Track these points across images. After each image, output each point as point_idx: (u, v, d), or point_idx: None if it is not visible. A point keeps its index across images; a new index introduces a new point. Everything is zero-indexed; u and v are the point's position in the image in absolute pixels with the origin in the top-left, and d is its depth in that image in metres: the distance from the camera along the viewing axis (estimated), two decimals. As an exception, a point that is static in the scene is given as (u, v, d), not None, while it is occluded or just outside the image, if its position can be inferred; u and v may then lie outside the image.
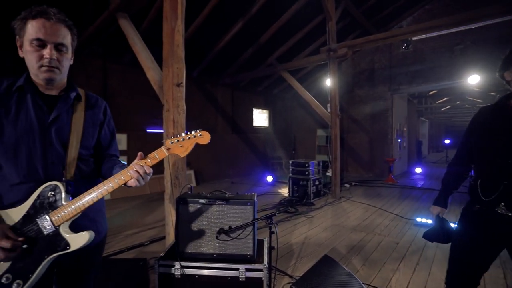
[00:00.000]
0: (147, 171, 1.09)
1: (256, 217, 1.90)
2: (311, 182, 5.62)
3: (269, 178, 7.85)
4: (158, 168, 1.37)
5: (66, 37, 1.08)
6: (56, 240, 1.03)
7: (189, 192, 2.12)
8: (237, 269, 1.88)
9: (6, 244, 0.94)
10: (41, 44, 1.02)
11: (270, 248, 1.79)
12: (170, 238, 2.62)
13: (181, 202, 1.92)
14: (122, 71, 6.47)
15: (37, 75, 1.07)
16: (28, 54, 1.04)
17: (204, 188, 7.27)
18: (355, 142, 9.74)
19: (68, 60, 1.12)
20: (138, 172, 1.07)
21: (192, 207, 1.94)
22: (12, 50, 1.23)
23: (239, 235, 1.89)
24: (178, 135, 1.17)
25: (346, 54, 5.77)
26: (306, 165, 5.71)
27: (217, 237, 1.88)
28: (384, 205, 5.36)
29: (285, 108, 11.48)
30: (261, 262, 1.92)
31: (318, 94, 8.01)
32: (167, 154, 1.14)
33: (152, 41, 3.52)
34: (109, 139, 1.30)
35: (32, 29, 1.01)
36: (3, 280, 0.97)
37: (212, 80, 8.62)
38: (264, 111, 10.83)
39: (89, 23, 4.96)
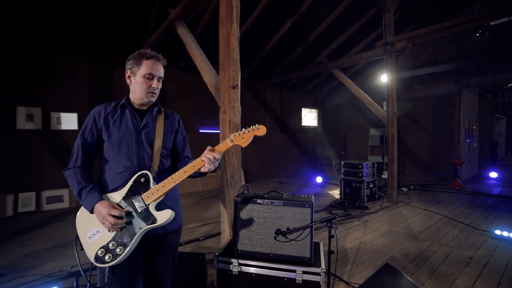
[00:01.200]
0: (216, 157, 1.34)
1: (314, 220, 1.86)
2: (365, 184, 5.31)
3: (319, 179, 7.64)
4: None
5: (163, 72, 1.47)
6: (146, 216, 1.29)
7: (246, 192, 2.16)
8: (293, 271, 1.86)
9: (116, 212, 1.24)
10: (150, 77, 1.39)
11: (330, 252, 1.73)
12: (225, 235, 2.72)
13: (239, 202, 1.97)
14: (178, 75, 6.93)
15: (142, 98, 1.43)
16: (139, 83, 1.40)
17: (254, 187, 7.38)
18: (414, 143, 8.94)
19: (160, 87, 1.48)
20: (208, 158, 1.33)
21: (250, 207, 1.97)
22: None
23: (297, 237, 1.86)
24: (239, 130, 1.41)
25: (406, 47, 5.32)
26: (360, 166, 5.41)
27: (275, 238, 1.88)
28: (450, 212, 4.81)
29: (335, 107, 11.06)
30: (318, 265, 1.87)
31: (372, 91, 7.54)
32: (231, 144, 1.39)
33: (205, 45, 3.69)
34: (182, 143, 1.60)
35: (146, 66, 1.39)
36: (110, 245, 1.25)
37: (261, 81, 8.72)
38: (313, 110, 10.59)
39: (151, 33, 5.42)
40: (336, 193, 6.40)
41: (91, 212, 1.28)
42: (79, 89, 5.63)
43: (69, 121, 5.49)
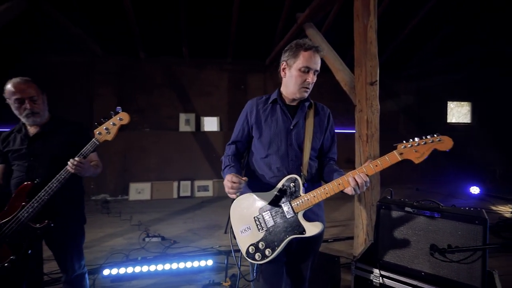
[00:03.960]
0: (366, 181, 1.15)
1: (488, 241, 1.47)
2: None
3: (474, 190, 6.09)
4: (341, 168, 1.42)
5: (320, 65, 1.34)
6: (295, 224, 1.26)
7: (389, 197, 1.95)
8: (456, 300, 1.53)
9: (235, 179, 1.21)
10: (306, 70, 1.29)
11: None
12: (359, 241, 2.55)
13: (382, 207, 1.80)
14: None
15: (295, 93, 1.34)
16: (293, 77, 1.31)
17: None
18: None
19: (315, 81, 1.35)
20: (356, 181, 1.14)
21: (396, 214, 1.76)
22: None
23: (463, 259, 1.52)
24: (412, 140, 1.15)
25: None
26: (548, 177, 3.93)
27: (432, 255, 1.61)
28: None
29: (501, 97, 8.45)
30: (494, 301, 1.47)
31: None
32: (400, 159, 1.15)
33: (330, 43, 3.57)
34: (330, 142, 1.48)
35: (303, 59, 1.28)
36: (260, 245, 1.29)
37: (392, 74, 7.76)
38: (464, 103, 8.54)
39: (279, 39, 5.78)
40: (505, 209, 4.92)
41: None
42: (220, 96, 6.68)
43: (211, 124, 6.58)
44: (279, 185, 1.30)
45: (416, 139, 1.13)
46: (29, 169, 1.61)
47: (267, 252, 1.27)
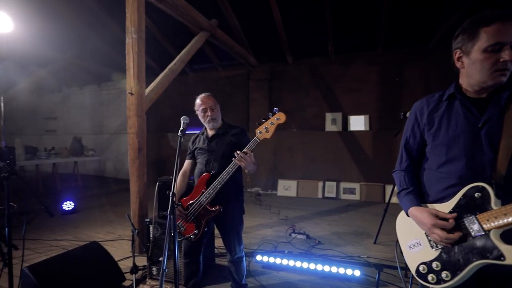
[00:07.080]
0: None
1: None
2: None
3: None
4: None
5: None
6: (486, 245, 0.95)
7: None
8: None
9: (442, 223, 1.03)
10: (497, 48, 0.96)
11: None
12: None
13: None
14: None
15: (485, 81, 1.02)
16: (477, 63, 1.01)
17: None
18: None
19: None
20: None
21: None
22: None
23: None
24: None
25: None
26: None
27: None
28: None
29: None
30: None
31: None
32: None
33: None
34: None
35: (487, 36, 0.97)
36: (434, 265, 1.07)
37: None
38: None
39: (449, 13, 4.61)
40: None
41: (407, 215, 1.19)
42: (369, 92, 6.10)
43: (359, 122, 6.10)
44: (459, 195, 1.05)
45: None
46: (207, 163, 2.03)
47: (443, 275, 1.03)
